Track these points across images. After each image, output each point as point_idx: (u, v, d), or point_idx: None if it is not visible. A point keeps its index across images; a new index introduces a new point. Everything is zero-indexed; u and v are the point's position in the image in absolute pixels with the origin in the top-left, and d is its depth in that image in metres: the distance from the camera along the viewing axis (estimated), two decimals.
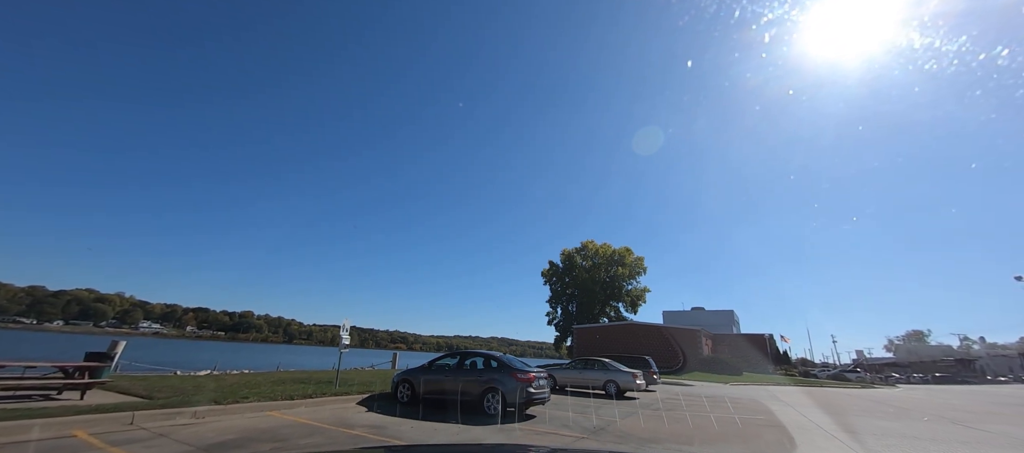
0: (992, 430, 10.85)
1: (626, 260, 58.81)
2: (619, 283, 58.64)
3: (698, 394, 19.15)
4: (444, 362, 10.81)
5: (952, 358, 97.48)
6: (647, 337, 41.20)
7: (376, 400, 10.54)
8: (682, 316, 67.54)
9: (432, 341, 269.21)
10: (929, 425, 11.59)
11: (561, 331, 59.96)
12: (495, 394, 9.47)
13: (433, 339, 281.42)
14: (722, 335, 50.67)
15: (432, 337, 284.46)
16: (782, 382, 32.74)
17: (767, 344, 48.91)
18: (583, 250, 60.73)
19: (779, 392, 22.57)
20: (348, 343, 11.83)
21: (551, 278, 61.58)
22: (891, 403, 18.50)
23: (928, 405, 18.07)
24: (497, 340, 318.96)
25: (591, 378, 16.90)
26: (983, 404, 19.17)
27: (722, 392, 20.99)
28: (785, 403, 16.21)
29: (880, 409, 15.71)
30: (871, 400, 20.08)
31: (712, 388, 23.96)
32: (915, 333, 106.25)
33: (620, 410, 12.15)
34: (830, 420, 11.98)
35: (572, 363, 18.40)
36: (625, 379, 16.15)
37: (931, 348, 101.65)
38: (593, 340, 43.12)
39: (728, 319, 68.47)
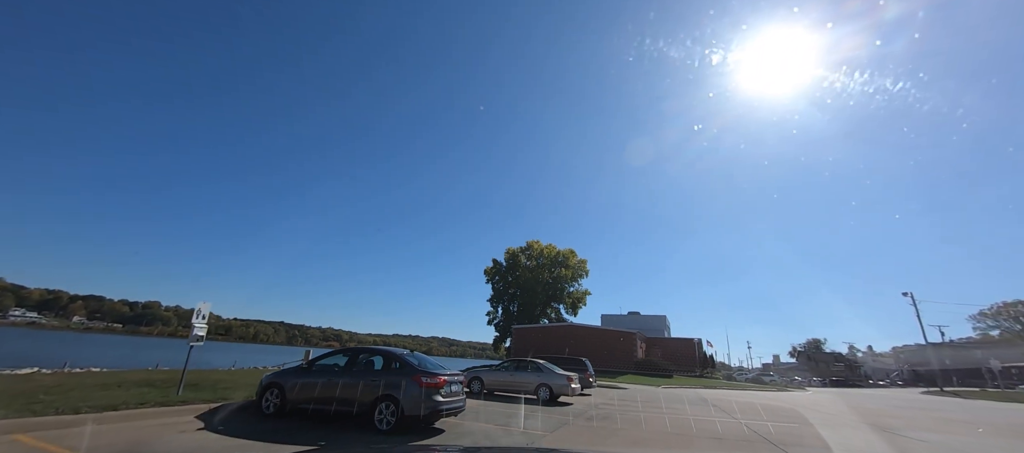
0: (931, 440, 10.52)
1: (570, 262, 58.54)
2: (562, 285, 58.22)
3: (633, 398, 18.12)
4: (330, 361, 8.31)
5: (842, 364, 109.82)
6: (586, 339, 40.67)
7: (228, 412, 7.79)
8: (619, 319, 68.84)
9: (367, 339, 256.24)
10: (867, 434, 11.10)
11: (501, 331, 58.23)
12: (391, 403, 7.20)
13: (370, 337, 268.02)
14: (655, 339, 51.84)
15: (367, 335, 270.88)
16: (709, 384, 33.44)
17: (695, 348, 50.75)
18: (528, 250, 59.60)
19: (710, 396, 22.39)
20: (202, 335, 8.86)
21: (494, 277, 59.72)
22: (819, 409, 18.70)
23: (845, 410, 18.46)
24: (438, 340, 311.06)
25: (522, 381, 15.09)
26: (890, 408, 20.06)
27: (655, 395, 20.25)
28: (717, 408, 15.51)
29: (819, 416, 15.53)
30: (797, 403, 20.36)
31: (646, 391, 23.31)
32: (814, 341, 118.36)
33: (551, 420, 10.37)
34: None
35: (502, 364, 16.50)
36: (559, 383, 14.51)
37: (826, 354, 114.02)
38: (532, 341, 41.79)
39: (661, 324, 70.99)
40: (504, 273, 59.30)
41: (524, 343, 42.42)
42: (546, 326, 46.61)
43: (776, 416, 13.79)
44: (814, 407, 18.35)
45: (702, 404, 16.87)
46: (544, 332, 43.76)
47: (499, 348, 61.85)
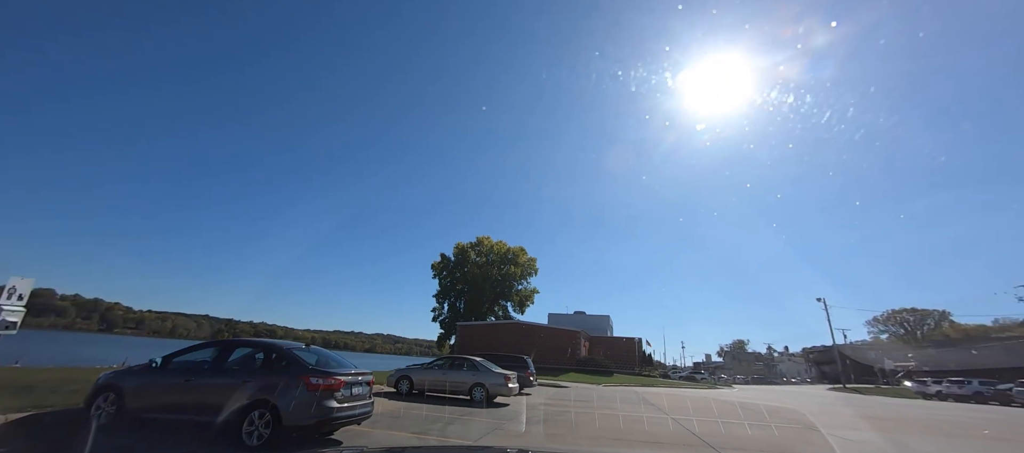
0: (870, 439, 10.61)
1: (519, 259, 57.89)
2: (510, 282, 57.41)
3: (572, 397, 17.45)
4: (193, 358, 6.45)
5: (762, 363, 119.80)
6: (531, 337, 40.05)
7: (41, 426, 5.73)
8: (566, 318, 69.40)
9: (305, 336, 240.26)
10: (807, 434, 11.04)
11: (446, 329, 56.27)
12: (266, 410, 5.58)
13: (307, 334, 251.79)
14: (599, 338, 52.60)
15: (306, 331, 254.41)
16: (647, 382, 34.10)
17: (636, 347, 52.12)
18: (478, 245, 58.17)
19: (648, 394, 22.43)
20: (14, 320, 6.61)
21: (441, 271, 57.61)
22: (750, 407, 19.18)
23: (772, 407, 19.11)
24: (383, 337, 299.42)
25: (456, 380, 13.75)
26: (812, 405, 21.16)
27: (595, 394, 19.80)
28: (657, 408, 15.18)
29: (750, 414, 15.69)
30: (727, 401, 20.88)
31: (586, 390, 22.90)
32: (739, 342, 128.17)
33: (480, 425, 9.15)
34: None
35: (434, 362, 15.06)
36: (495, 382, 13.35)
37: (748, 354, 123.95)
38: (478, 338, 40.48)
39: (605, 323, 72.66)
40: (452, 268, 57.42)
41: (469, 340, 41.02)
42: (492, 323, 45.50)
43: (704, 413, 13.63)
44: (744, 405, 18.77)
45: (642, 404, 16.52)
46: (489, 330, 42.60)
47: (443, 346, 59.85)
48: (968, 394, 27.60)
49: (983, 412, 19.62)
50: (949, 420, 15.15)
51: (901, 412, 17.94)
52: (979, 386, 27.66)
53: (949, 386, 29.30)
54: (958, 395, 28.05)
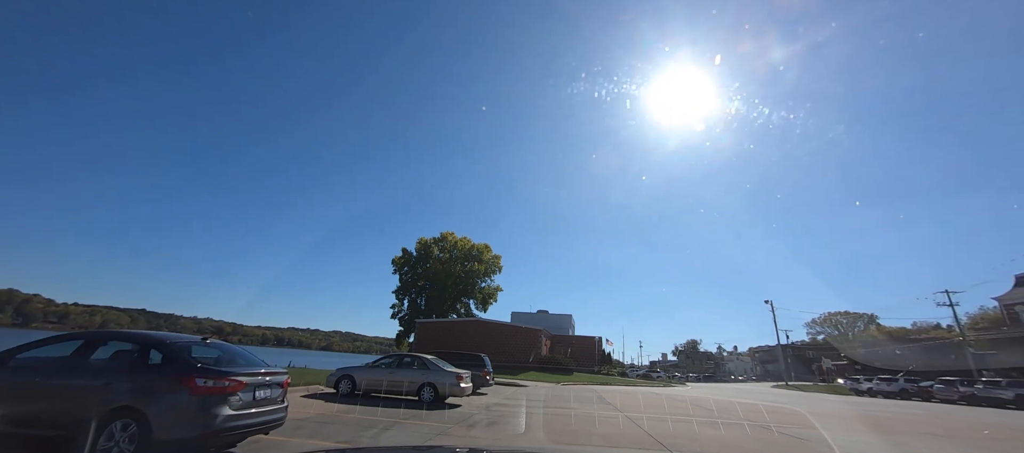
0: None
1: (484, 256, 56.95)
2: (474, 279, 56.36)
3: (530, 397, 16.81)
4: (42, 354, 5.11)
5: (713, 362, 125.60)
6: (492, 335, 39.27)
7: None
8: (529, 317, 69.21)
9: (256, 333, 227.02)
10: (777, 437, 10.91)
11: (405, 326, 54.37)
12: (132, 421, 4.41)
13: (258, 330, 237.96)
14: (560, 336, 52.66)
15: (257, 328, 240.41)
16: (605, 381, 34.24)
17: (596, 346, 52.61)
18: (442, 241, 56.66)
19: (605, 392, 22.26)
20: None
21: (402, 267, 55.62)
22: (703, 405, 19.33)
23: (732, 404, 19.39)
24: (340, 334, 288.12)
25: (403, 380, 12.70)
26: (770, 402, 21.75)
27: (553, 393, 19.31)
28: (611, 406, 14.82)
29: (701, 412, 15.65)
30: (678, 399, 21.07)
31: (545, 389, 22.40)
32: (692, 342, 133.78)
33: (422, 429, 8.23)
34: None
35: (381, 360, 13.90)
36: (446, 382, 12.42)
37: (700, 354, 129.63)
38: (437, 336, 39.20)
39: (567, 322, 73.19)
40: (414, 264, 55.60)
41: (428, 338, 39.66)
42: (452, 321, 44.29)
43: (656, 409, 13.40)
44: (696, 403, 18.91)
45: (597, 402, 16.14)
46: (450, 327, 41.40)
47: (402, 343, 57.87)
48: (895, 391, 29.68)
49: (909, 408, 20.93)
50: (892, 416, 15.85)
51: (839, 408, 18.71)
52: (904, 383, 29.81)
53: (879, 383, 31.42)
54: (886, 391, 30.11)
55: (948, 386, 26.20)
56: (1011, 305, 42.31)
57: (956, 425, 13.36)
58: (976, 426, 13.36)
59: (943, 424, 13.52)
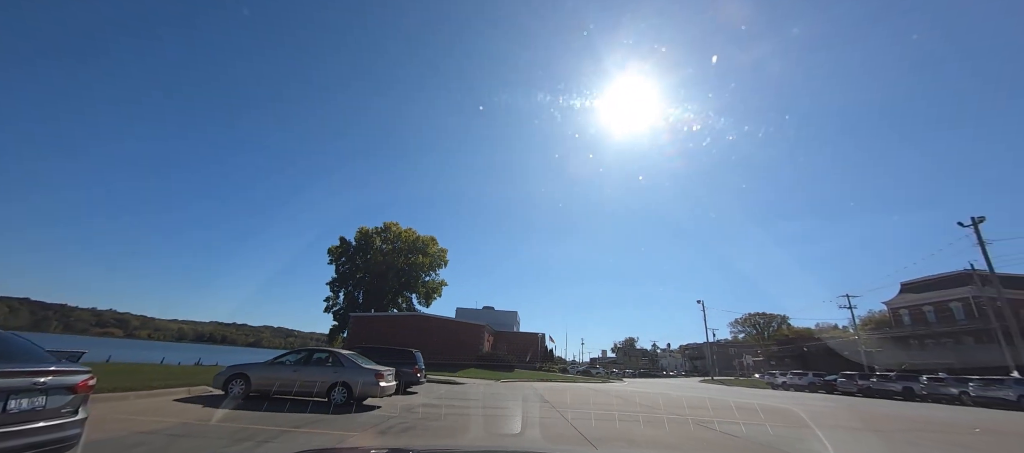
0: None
1: (429, 249, 54.64)
2: (417, 273, 53.87)
3: (463, 395, 15.53)
4: None
5: (647, 358, 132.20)
6: (434, 331, 37.40)
7: None
8: (474, 313, 67.78)
9: (171, 327, 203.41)
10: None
11: (340, 320, 50.61)
12: None
13: (174, 325, 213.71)
14: (504, 333, 51.86)
15: (173, 322, 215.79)
16: (546, 377, 33.83)
17: (538, 343, 52.46)
18: (385, 231, 53.51)
19: (544, 389, 21.55)
20: None
21: (339, 257, 51.72)
22: (640, 402, 19.17)
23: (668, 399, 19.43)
24: (272, 329, 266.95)
25: (310, 379, 10.82)
26: (698, 397, 22.18)
27: (488, 391, 18.19)
28: (548, 404, 13.97)
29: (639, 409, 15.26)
30: (608, 393, 20.90)
31: (481, 386, 21.23)
32: (629, 339, 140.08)
33: (308, 442, 6.62)
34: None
35: (285, 356, 11.85)
36: (363, 380, 10.76)
37: (637, 351, 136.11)
38: (373, 331, 36.58)
39: (512, 319, 72.77)
40: (353, 254, 51.93)
41: (363, 333, 36.88)
42: (390, 315, 41.75)
43: (584, 405, 12.77)
44: (629, 399, 18.74)
45: (536, 402, 15.23)
46: (387, 322, 38.88)
47: (336, 339, 53.90)
48: (804, 384, 32.26)
49: (823, 401, 22.46)
50: (817, 408, 16.56)
51: (763, 401, 19.49)
52: (813, 377, 32.50)
53: (792, 377, 34.04)
54: (798, 385, 32.67)
55: (849, 380, 28.83)
56: (896, 309, 48.24)
57: (872, 418, 14.06)
58: (883, 418, 14.17)
59: (858, 416, 14.20)
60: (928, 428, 11.62)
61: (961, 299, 41.55)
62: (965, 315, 41.21)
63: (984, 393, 21.08)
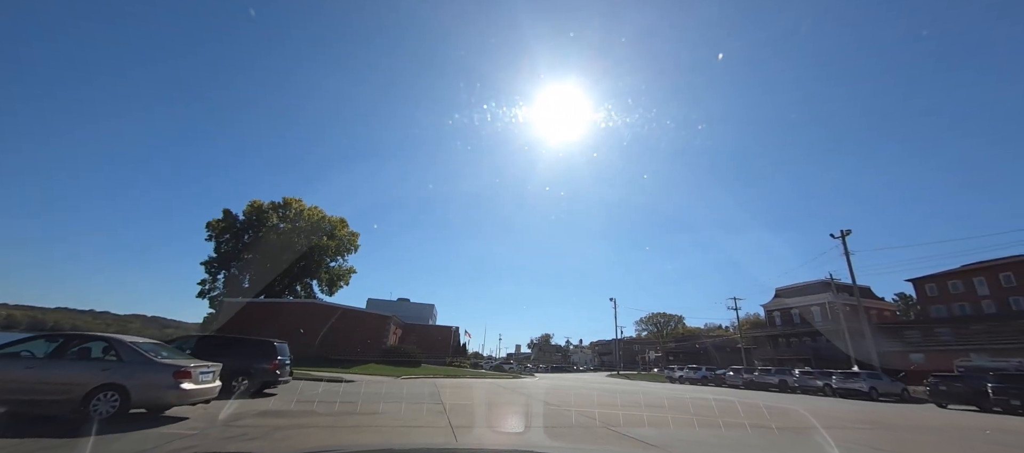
0: None
1: (338, 232, 48.54)
2: (321, 257, 47.54)
3: (344, 397, 12.33)
4: None
5: (561, 353, 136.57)
6: (325, 320, 32.58)
7: None
8: (386, 304, 62.69)
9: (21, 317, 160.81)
10: None
11: (219, 308, 42.51)
12: None
13: (2, 309, 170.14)
14: (416, 325, 48.18)
15: (2, 307, 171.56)
16: (454, 373, 31.30)
17: (452, 337, 49.71)
18: (284, 208, 46.26)
19: (446, 386, 18.97)
20: None
21: (222, 234, 43.46)
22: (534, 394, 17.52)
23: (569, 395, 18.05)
24: (143, 318, 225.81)
25: (62, 381, 6.97)
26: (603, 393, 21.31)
27: (379, 391, 15.13)
28: (441, 410, 11.47)
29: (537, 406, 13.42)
30: (508, 389, 19.16)
31: (372, 385, 17.98)
32: (545, 336, 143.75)
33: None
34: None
35: (20, 342, 7.73)
36: (144, 382, 7.19)
37: (551, 347, 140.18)
38: (252, 319, 30.77)
39: (428, 311, 68.90)
40: (239, 231, 44.00)
41: (239, 321, 30.79)
42: (272, 303, 35.81)
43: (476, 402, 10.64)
44: (531, 393, 17.07)
45: (426, 404, 12.62)
46: (269, 309, 33.12)
47: (211, 329, 45.40)
48: (698, 378, 34.19)
49: (719, 393, 23.19)
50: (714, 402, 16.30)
51: (663, 396, 19.18)
52: (706, 371, 34.59)
53: (688, 372, 35.93)
54: (693, 379, 34.52)
55: (736, 374, 30.96)
56: (771, 311, 54.73)
57: (775, 409, 13.87)
58: (758, 409, 14.12)
59: (755, 408, 13.98)
60: (839, 425, 11.46)
61: (820, 304, 48.20)
62: (821, 317, 47.89)
63: (843, 385, 23.40)
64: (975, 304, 38.38)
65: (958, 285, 39.87)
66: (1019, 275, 36.10)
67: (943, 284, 40.89)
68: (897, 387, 22.76)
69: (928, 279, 42.11)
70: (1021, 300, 35.71)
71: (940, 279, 41.11)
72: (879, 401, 21.48)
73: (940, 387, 18.63)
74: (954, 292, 40.11)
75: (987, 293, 37.81)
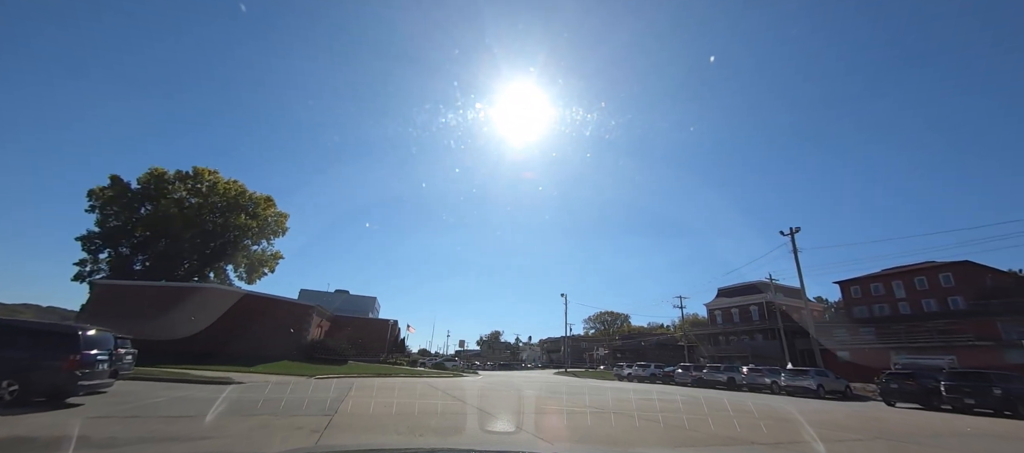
0: None
1: (261, 211, 42.15)
2: (239, 238, 40.98)
3: (187, 409, 8.34)
4: None
5: (509, 351, 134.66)
6: (235, 311, 27.16)
7: None
8: (322, 296, 56.43)
9: None
10: None
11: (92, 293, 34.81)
12: None
13: None
14: (350, 318, 43.15)
15: None
16: (386, 371, 27.30)
17: (389, 331, 45.21)
18: (194, 178, 39.16)
19: (361, 387, 15.25)
20: None
21: (108, 204, 35.75)
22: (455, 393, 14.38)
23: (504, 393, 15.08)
24: (36, 308, 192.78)
25: None
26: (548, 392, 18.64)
27: (253, 397, 11.17)
28: (307, 430, 7.94)
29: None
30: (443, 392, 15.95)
31: (254, 391, 13.84)
32: (495, 332, 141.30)
33: None
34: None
35: None
36: None
37: (501, 344, 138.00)
38: (128, 305, 24.77)
39: (369, 304, 63.39)
40: (131, 202, 36.49)
41: (113, 307, 24.65)
42: (155, 286, 29.48)
43: None
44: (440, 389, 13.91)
45: (298, 413, 8.99)
46: (150, 294, 27.05)
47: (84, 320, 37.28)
48: (647, 376, 32.89)
49: (677, 392, 21.40)
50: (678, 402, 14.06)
51: (623, 394, 16.87)
52: (655, 369, 33.41)
53: (637, 369, 34.60)
54: (642, 376, 33.18)
55: (685, 371, 29.88)
56: (713, 309, 55.88)
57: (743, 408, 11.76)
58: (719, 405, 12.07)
59: (744, 411, 11.83)
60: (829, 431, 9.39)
61: (758, 303, 49.63)
62: (759, 316, 49.32)
63: (793, 383, 22.63)
64: (893, 305, 40.84)
65: (879, 287, 42.33)
66: (931, 280, 38.74)
67: (866, 286, 43.27)
68: (841, 384, 22.36)
69: (853, 282, 44.42)
70: (932, 302, 38.31)
71: (863, 282, 43.49)
72: (826, 399, 20.82)
73: (891, 385, 18.02)
74: (875, 294, 42.54)
75: (904, 295, 40.34)
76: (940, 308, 37.51)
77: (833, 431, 9.69)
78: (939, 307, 37.61)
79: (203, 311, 25.65)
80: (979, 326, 31.88)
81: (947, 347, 31.81)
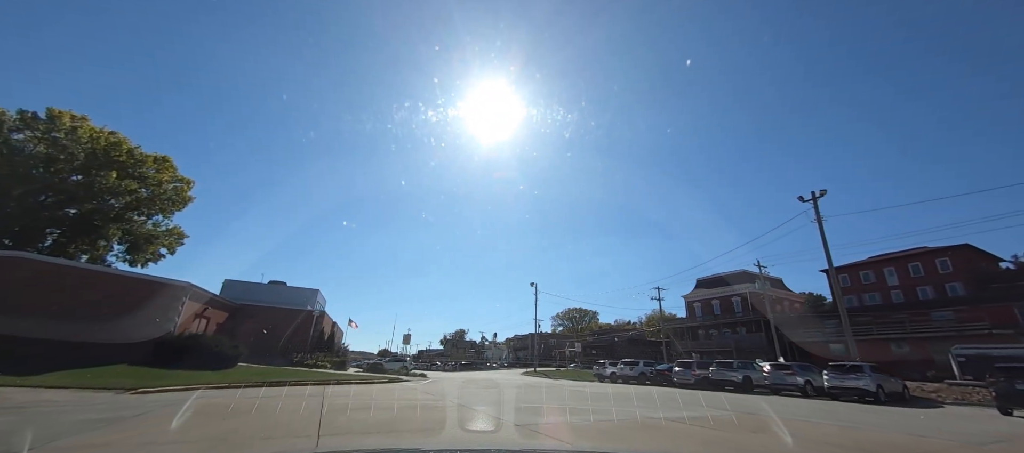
0: None
1: (153, 175, 31.95)
2: (118, 206, 30.63)
3: None
4: None
5: (474, 350, 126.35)
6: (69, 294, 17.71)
7: None
8: (252, 288, 45.94)
9: None
10: None
11: None
12: None
13: None
14: (258, 307, 33.74)
15: None
16: (290, 376, 18.76)
17: (313, 326, 36.17)
18: (47, 122, 28.54)
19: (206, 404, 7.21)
20: None
21: None
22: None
23: None
24: None
25: None
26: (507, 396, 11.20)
27: None
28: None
29: None
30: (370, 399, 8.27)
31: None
32: (459, 331, 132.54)
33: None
34: None
35: None
36: None
37: (466, 343, 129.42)
38: None
39: (310, 298, 53.25)
40: None
41: None
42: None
43: None
44: None
45: None
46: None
47: None
48: (635, 375, 26.37)
49: (696, 397, 14.61)
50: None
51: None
52: (644, 367, 26.93)
53: (623, 368, 28.00)
54: (628, 376, 26.65)
55: (685, 370, 23.51)
56: (692, 301, 50.85)
57: None
58: None
59: None
60: None
61: (741, 294, 44.90)
62: (742, 308, 44.59)
63: (839, 383, 16.67)
64: (885, 294, 37.01)
65: (870, 275, 38.53)
66: (927, 266, 35.09)
67: (855, 274, 39.41)
68: (898, 385, 16.67)
69: (841, 269, 40.46)
70: (928, 290, 34.62)
71: (852, 270, 39.61)
72: (885, 404, 14.90)
73: (1016, 386, 12.12)
74: (866, 282, 38.72)
75: (896, 283, 36.59)
76: (937, 295, 33.85)
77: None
78: (936, 294, 33.94)
79: (34, 294, 16.12)
80: (994, 313, 27.90)
81: (960, 336, 27.63)
